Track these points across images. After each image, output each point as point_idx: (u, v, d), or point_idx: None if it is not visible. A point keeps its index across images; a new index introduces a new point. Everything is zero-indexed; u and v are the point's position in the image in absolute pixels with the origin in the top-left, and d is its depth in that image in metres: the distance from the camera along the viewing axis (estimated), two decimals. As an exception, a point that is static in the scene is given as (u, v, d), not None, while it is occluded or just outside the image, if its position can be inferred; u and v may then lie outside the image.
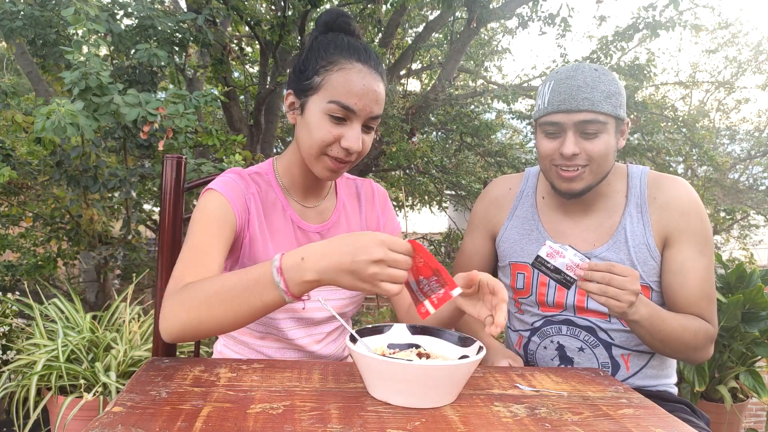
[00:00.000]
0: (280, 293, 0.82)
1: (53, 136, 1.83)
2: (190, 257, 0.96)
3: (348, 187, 1.25)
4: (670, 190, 1.25)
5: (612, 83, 1.18)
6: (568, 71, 1.19)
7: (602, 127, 1.16)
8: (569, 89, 1.16)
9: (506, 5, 3.96)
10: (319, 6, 3.33)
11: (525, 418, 0.80)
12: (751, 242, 6.05)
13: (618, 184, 1.30)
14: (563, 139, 1.18)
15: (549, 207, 1.35)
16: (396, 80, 4.47)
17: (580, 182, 1.21)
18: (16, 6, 2.53)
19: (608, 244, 1.26)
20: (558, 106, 1.17)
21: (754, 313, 2.49)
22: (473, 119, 3.83)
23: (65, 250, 3.01)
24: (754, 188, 6.37)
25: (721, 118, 9.18)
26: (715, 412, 2.62)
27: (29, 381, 2.10)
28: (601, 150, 1.17)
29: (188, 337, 0.88)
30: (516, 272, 1.35)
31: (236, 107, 3.76)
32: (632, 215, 1.26)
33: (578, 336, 1.27)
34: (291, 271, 0.81)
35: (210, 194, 1.04)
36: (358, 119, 1.01)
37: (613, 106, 1.17)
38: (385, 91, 1.04)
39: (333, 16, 1.06)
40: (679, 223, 1.22)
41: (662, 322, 1.13)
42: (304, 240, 1.13)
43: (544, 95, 1.22)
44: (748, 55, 8.81)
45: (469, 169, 4.47)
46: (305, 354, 1.15)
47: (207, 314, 0.85)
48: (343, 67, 1.00)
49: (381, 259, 0.78)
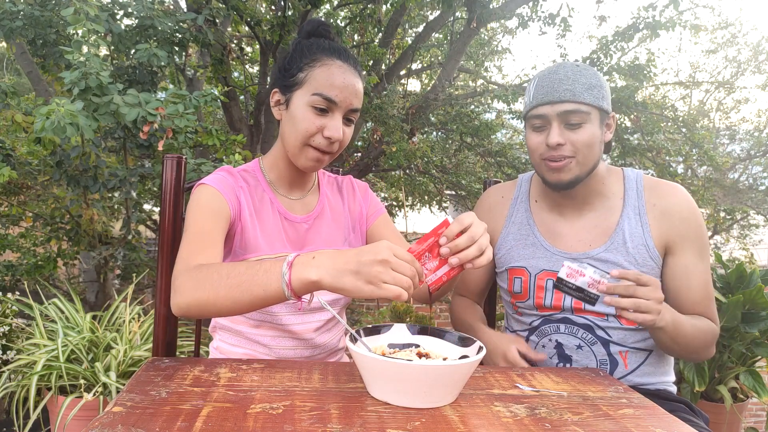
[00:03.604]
0: (282, 284, 0.84)
1: (53, 136, 1.83)
2: (194, 241, 1.01)
3: (330, 183, 1.32)
4: (669, 197, 1.27)
5: (593, 77, 1.22)
6: (551, 68, 1.25)
7: (585, 117, 1.19)
8: (551, 82, 1.21)
9: (506, 5, 3.96)
10: (319, 6, 3.33)
11: (525, 418, 0.80)
12: (751, 242, 6.06)
13: (614, 186, 1.31)
14: (549, 130, 1.22)
15: (542, 209, 1.37)
16: (396, 80, 4.47)
17: (568, 173, 1.23)
18: (16, 6, 2.53)
19: (606, 245, 1.27)
20: (541, 99, 1.21)
21: (754, 313, 2.49)
22: (473, 119, 3.83)
23: (65, 250, 3.01)
24: (754, 188, 6.37)
25: (721, 118, 9.19)
26: (715, 412, 2.62)
27: (29, 381, 2.10)
28: (585, 140, 1.20)
29: (194, 314, 0.92)
30: (513, 277, 1.35)
31: (236, 107, 3.76)
32: (630, 217, 1.27)
33: (576, 334, 1.28)
34: (299, 266, 0.84)
35: (202, 188, 1.09)
36: (340, 110, 1.09)
37: (594, 97, 1.20)
38: (363, 88, 1.14)
39: (314, 25, 1.17)
40: (680, 229, 1.25)
41: (682, 327, 1.16)
42: (291, 230, 1.18)
43: (529, 92, 1.26)
44: (748, 55, 8.82)
45: (469, 169, 4.47)
46: (300, 342, 1.17)
47: (214, 296, 0.88)
48: (324, 63, 1.09)
49: (386, 260, 0.80)
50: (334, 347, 1.25)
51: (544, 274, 1.31)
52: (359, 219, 1.30)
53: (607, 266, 1.26)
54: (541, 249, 1.32)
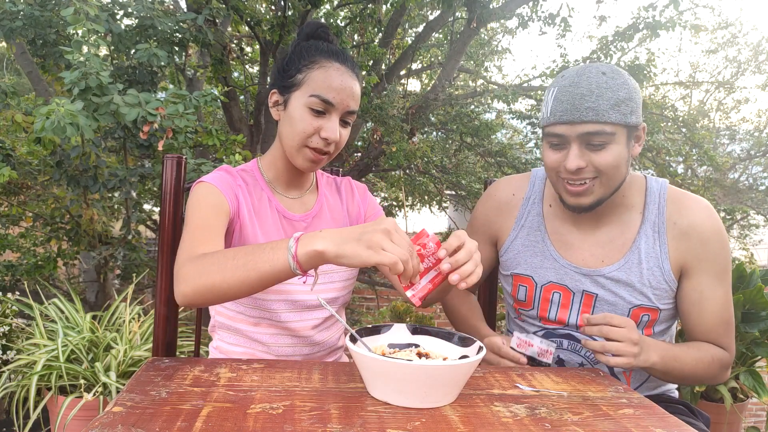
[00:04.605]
0: (288, 257, 0.85)
1: (53, 136, 1.82)
2: (197, 233, 1.02)
3: (329, 184, 1.33)
4: (692, 215, 1.17)
5: (621, 88, 1.07)
6: (573, 77, 1.09)
7: (609, 138, 1.07)
8: (572, 98, 1.07)
9: (506, 5, 3.96)
10: (319, 6, 3.33)
11: (525, 418, 0.80)
12: (751, 242, 6.05)
13: (635, 198, 1.21)
14: (567, 151, 1.10)
15: (556, 216, 1.26)
16: (396, 80, 4.47)
17: (590, 196, 1.12)
18: (16, 6, 2.53)
19: (619, 263, 1.19)
20: (560, 117, 1.08)
21: (754, 313, 2.49)
22: (473, 119, 3.83)
23: (65, 250, 3.01)
24: (754, 188, 6.38)
25: (721, 118, 9.19)
26: (715, 412, 2.62)
27: (29, 381, 2.10)
28: (609, 162, 1.08)
29: (199, 302, 0.92)
30: (518, 284, 1.29)
31: (236, 107, 3.76)
32: (648, 235, 1.18)
33: (579, 351, 1.24)
34: (306, 238, 0.86)
35: (201, 185, 1.11)
36: (337, 112, 1.11)
37: (622, 114, 1.07)
38: (360, 90, 1.16)
39: (313, 27, 1.18)
40: (699, 252, 1.15)
41: (675, 361, 1.10)
42: (290, 227, 1.19)
43: (547, 103, 1.12)
44: (748, 55, 8.82)
45: (469, 169, 4.47)
46: (299, 339, 1.17)
47: (221, 278, 0.89)
48: (323, 65, 1.10)
49: (388, 230, 0.82)
50: (333, 345, 1.25)
51: (551, 286, 1.24)
52: (357, 220, 1.30)
53: (619, 286, 1.19)
54: (551, 259, 1.24)
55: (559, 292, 1.24)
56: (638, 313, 1.19)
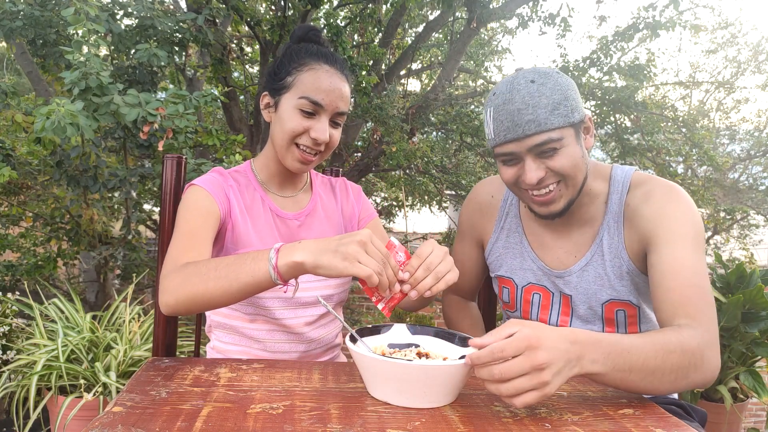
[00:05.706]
0: (269, 268, 0.88)
1: (53, 136, 1.83)
2: (183, 241, 1.04)
3: (323, 184, 1.34)
4: (640, 193, 1.12)
5: (554, 91, 1.04)
6: (504, 93, 1.06)
7: (559, 142, 1.04)
8: (510, 115, 1.04)
9: (506, 5, 3.96)
10: (319, 6, 3.33)
11: (525, 418, 0.80)
12: (751, 242, 6.05)
13: (599, 188, 1.17)
14: (522, 164, 1.07)
15: (532, 218, 1.26)
16: (396, 80, 4.47)
17: (559, 201, 1.10)
18: (16, 6, 2.53)
19: (585, 258, 1.17)
20: (505, 137, 1.05)
21: (754, 313, 2.49)
22: (473, 119, 3.83)
23: (65, 250, 3.01)
24: (753, 188, 6.38)
25: (721, 118, 9.20)
26: (715, 412, 2.63)
27: (29, 381, 2.10)
28: (566, 164, 1.06)
29: (182, 310, 0.94)
30: (502, 286, 1.30)
31: (236, 107, 3.76)
32: (610, 225, 1.15)
33: None
34: (286, 249, 0.88)
35: (192, 189, 1.12)
36: (326, 113, 1.12)
37: (563, 116, 1.03)
38: (350, 91, 1.17)
39: (304, 30, 1.19)
40: (647, 228, 1.08)
41: (629, 355, 0.84)
42: (283, 226, 1.20)
43: (488, 124, 1.09)
44: (748, 55, 8.83)
45: (469, 169, 4.47)
46: (294, 336, 1.18)
47: (203, 288, 0.91)
48: (312, 68, 1.12)
49: (364, 241, 0.85)
50: (329, 343, 1.26)
51: (531, 287, 1.24)
52: (351, 219, 1.31)
53: (588, 283, 1.16)
54: (529, 261, 1.24)
55: (539, 293, 1.23)
56: (612, 308, 1.17)
